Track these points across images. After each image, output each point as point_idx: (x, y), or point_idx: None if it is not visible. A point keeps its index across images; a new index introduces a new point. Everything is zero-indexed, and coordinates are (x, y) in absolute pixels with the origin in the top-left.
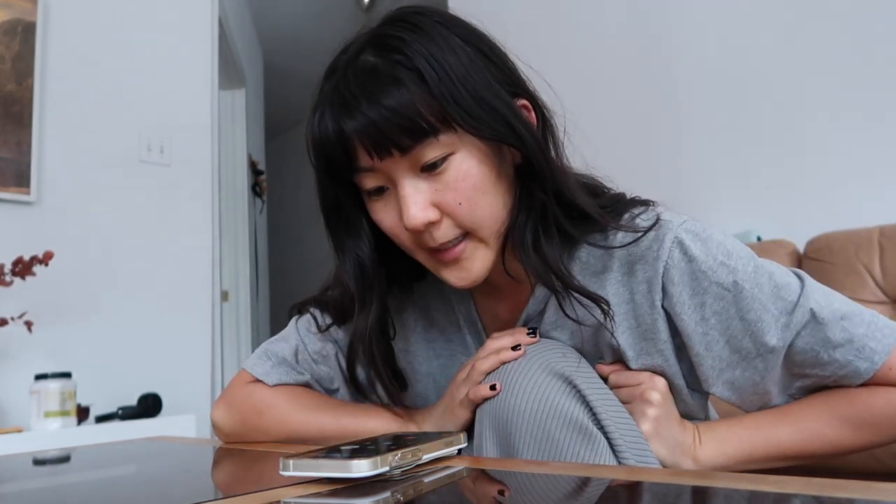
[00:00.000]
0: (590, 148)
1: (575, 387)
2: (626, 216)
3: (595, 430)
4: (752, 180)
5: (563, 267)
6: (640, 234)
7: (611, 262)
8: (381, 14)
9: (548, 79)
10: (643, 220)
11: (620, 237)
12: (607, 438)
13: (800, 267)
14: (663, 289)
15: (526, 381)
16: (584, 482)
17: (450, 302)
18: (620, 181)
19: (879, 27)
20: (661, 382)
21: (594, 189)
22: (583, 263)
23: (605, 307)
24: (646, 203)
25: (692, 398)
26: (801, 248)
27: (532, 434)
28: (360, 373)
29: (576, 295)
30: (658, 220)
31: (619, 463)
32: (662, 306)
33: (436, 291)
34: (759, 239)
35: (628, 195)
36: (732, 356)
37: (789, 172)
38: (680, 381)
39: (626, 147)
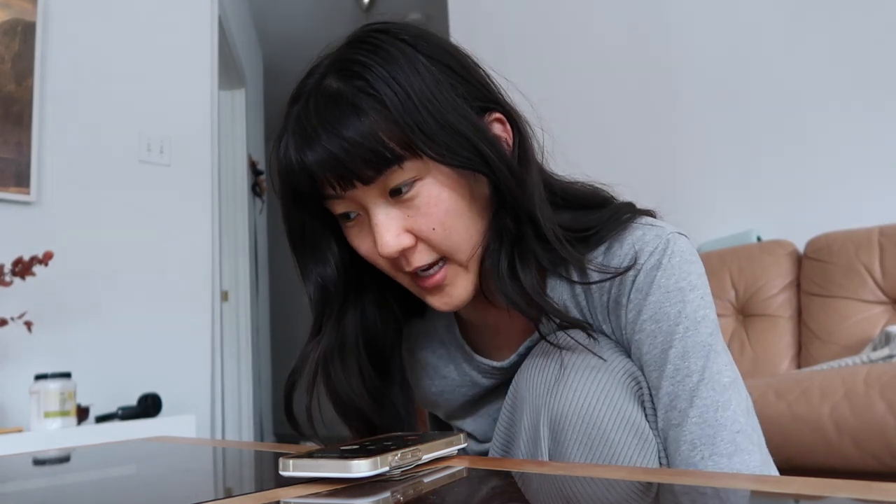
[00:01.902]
0: (590, 149)
1: (640, 386)
2: (603, 247)
3: (651, 434)
4: (752, 180)
5: (542, 293)
6: (609, 276)
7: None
8: (380, 14)
9: (547, 81)
10: (622, 251)
11: (598, 265)
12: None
13: (799, 267)
14: (629, 292)
15: (589, 372)
16: (579, 481)
17: (443, 341)
18: (620, 182)
19: (879, 27)
20: None
21: (591, 200)
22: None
23: (591, 334)
24: (647, 212)
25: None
26: (801, 248)
27: (583, 430)
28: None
29: (558, 321)
30: (635, 259)
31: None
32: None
33: (427, 329)
34: (759, 239)
35: (620, 201)
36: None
37: (789, 173)
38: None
39: (626, 147)
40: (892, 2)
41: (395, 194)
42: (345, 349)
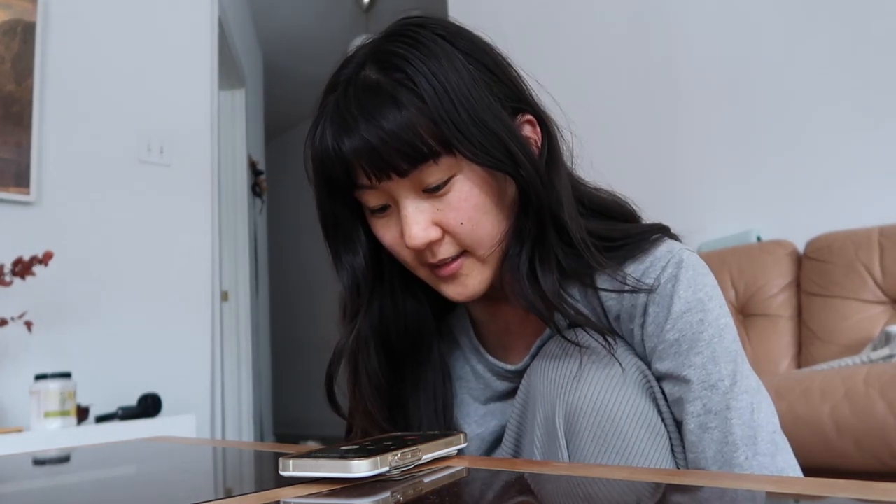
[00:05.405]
0: (590, 149)
1: (651, 384)
2: (627, 261)
3: (663, 429)
4: (752, 180)
5: (563, 296)
6: (629, 289)
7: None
8: (381, 14)
9: (548, 80)
10: (642, 266)
11: (621, 276)
12: (670, 438)
13: (799, 267)
14: (647, 305)
15: (604, 369)
16: (579, 481)
17: (458, 343)
18: (621, 182)
19: (880, 27)
20: None
21: (614, 210)
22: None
23: (610, 339)
24: (664, 232)
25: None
26: (801, 248)
27: (598, 423)
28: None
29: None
30: (654, 275)
31: (677, 465)
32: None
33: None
34: (759, 239)
35: (643, 218)
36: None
37: (789, 172)
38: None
39: (626, 147)
40: (893, 3)
41: (430, 189)
42: (370, 340)
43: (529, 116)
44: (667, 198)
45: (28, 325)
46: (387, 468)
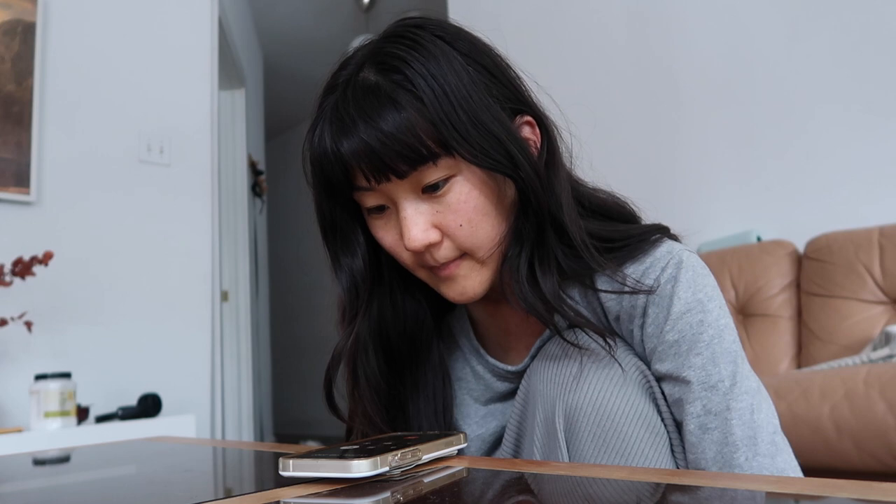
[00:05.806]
0: (590, 149)
1: (650, 384)
2: (627, 261)
3: (663, 429)
4: (752, 180)
5: (563, 298)
6: (629, 290)
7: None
8: (380, 14)
9: (548, 80)
10: (641, 267)
11: (621, 277)
12: (670, 439)
13: (799, 267)
14: (646, 307)
15: (604, 369)
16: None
17: (458, 343)
18: (621, 182)
19: (881, 27)
20: None
21: (614, 211)
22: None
23: (610, 342)
24: (664, 233)
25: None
26: (801, 248)
27: (598, 422)
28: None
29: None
30: (653, 276)
31: (677, 465)
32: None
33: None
34: (759, 239)
35: (643, 219)
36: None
37: (789, 172)
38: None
39: (626, 147)
40: (893, 4)
41: (429, 190)
42: (369, 342)
43: (528, 118)
44: (667, 198)
45: (28, 325)
46: (387, 468)
